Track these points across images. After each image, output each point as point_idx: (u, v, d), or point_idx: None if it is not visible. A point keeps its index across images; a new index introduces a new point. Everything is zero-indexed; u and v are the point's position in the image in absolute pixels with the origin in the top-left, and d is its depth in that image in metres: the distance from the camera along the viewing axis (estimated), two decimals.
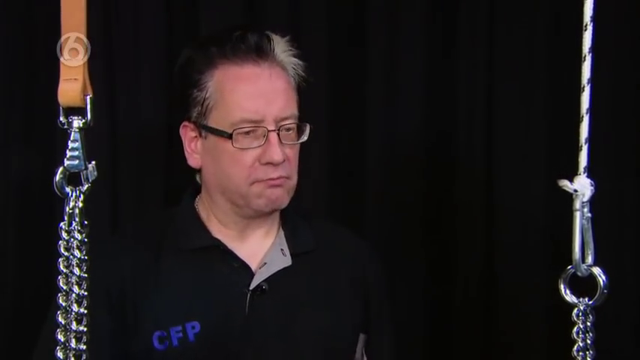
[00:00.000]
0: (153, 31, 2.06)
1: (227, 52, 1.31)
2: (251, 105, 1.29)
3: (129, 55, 2.04)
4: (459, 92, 2.25)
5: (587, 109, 0.62)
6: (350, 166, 2.21)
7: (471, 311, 2.21)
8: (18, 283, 2.01)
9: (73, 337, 0.58)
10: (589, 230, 0.63)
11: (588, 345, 0.63)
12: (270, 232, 1.40)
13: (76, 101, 0.59)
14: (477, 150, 2.24)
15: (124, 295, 1.29)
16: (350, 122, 2.19)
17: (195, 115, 1.32)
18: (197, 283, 1.33)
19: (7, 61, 2.00)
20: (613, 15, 2.11)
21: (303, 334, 1.37)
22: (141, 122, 2.05)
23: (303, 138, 1.35)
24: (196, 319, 1.30)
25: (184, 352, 1.29)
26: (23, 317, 1.97)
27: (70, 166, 0.58)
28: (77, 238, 0.58)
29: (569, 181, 0.64)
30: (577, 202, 0.64)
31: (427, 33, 2.22)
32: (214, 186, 1.35)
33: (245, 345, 1.33)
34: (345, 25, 2.19)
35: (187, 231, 1.37)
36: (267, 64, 1.31)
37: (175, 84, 1.38)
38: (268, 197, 1.31)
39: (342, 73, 2.17)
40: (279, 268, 1.36)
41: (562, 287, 0.65)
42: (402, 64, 2.21)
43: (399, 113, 2.22)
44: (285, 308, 1.36)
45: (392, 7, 2.20)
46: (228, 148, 1.29)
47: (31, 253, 2.01)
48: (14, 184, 2.00)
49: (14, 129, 1.99)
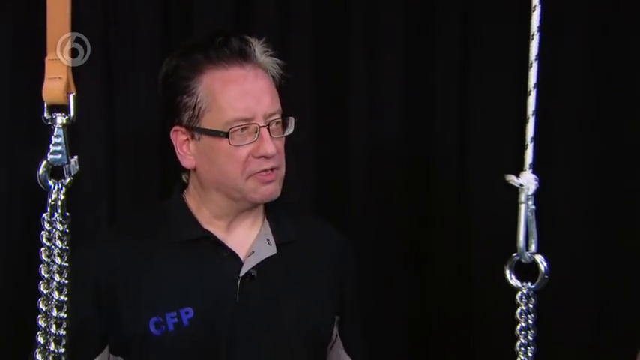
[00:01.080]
0: (150, 35, 2.06)
1: (212, 58, 1.31)
2: (242, 104, 1.30)
3: (126, 59, 2.03)
4: (435, 97, 2.26)
5: (532, 111, 0.63)
6: (334, 164, 2.21)
7: (446, 295, 2.23)
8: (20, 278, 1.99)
9: (54, 322, 0.58)
10: (533, 221, 0.64)
11: (530, 325, 0.65)
12: (256, 223, 1.41)
13: (59, 99, 0.59)
14: (452, 151, 2.26)
15: (114, 284, 1.29)
16: (334, 124, 2.19)
17: (187, 119, 1.32)
18: (190, 272, 1.34)
19: (12, 62, 2.00)
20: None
21: (289, 317, 1.38)
22: (138, 122, 2.05)
23: (289, 130, 1.37)
24: (190, 305, 1.31)
25: (179, 336, 1.30)
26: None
27: (53, 160, 0.58)
28: (59, 228, 0.58)
29: (515, 177, 0.65)
30: (522, 195, 0.64)
31: (406, 42, 2.23)
32: (210, 183, 1.36)
33: (236, 328, 1.33)
34: (330, 30, 2.20)
35: (179, 224, 1.38)
36: (250, 66, 1.33)
37: (163, 92, 1.37)
38: (263, 193, 1.33)
39: (326, 76, 2.18)
40: (265, 256, 1.38)
41: (507, 273, 0.66)
42: (383, 73, 2.22)
43: (380, 115, 2.23)
44: (272, 293, 1.37)
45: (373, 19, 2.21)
46: (223, 146, 1.30)
47: (32, 249, 2.01)
48: (19, 182, 1.99)
49: (19, 129, 1.98)
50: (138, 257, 1.34)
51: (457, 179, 2.26)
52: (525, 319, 0.65)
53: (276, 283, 1.37)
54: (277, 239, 1.40)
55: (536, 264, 0.66)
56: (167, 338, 1.29)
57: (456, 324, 2.25)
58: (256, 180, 1.31)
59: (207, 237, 1.35)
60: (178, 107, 1.32)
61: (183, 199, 1.41)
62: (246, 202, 1.35)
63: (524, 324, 0.64)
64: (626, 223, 2.21)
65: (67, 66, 0.61)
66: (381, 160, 2.24)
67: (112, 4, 2.01)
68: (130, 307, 1.30)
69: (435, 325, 2.25)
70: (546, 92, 2.19)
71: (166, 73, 1.35)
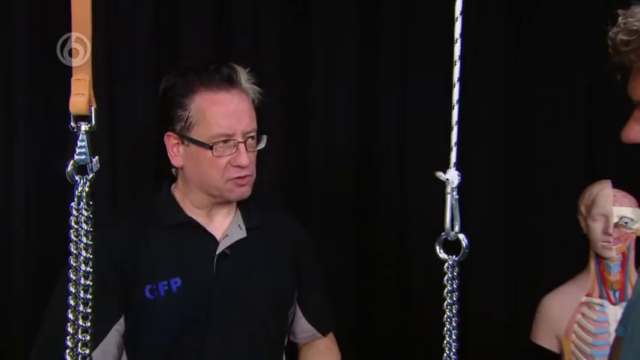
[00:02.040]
0: (145, 58, 2.06)
1: (204, 81, 1.33)
2: (226, 123, 1.32)
3: (126, 72, 2.04)
4: (380, 108, 2.30)
5: (455, 122, 0.65)
6: (297, 163, 2.24)
7: (388, 268, 2.28)
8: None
9: (82, 289, 0.59)
10: (457, 208, 0.66)
11: (454, 288, 0.66)
12: (230, 212, 1.44)
13: (83, 111, 0.61)
14: (393, 151, 2.30)
15: (123, 257, 1.32)
16: (297, 130, 2.22)
17: (179, 128, 1.34)
18: (177, 250, 1.37)
19: (30, 74, 1.99)
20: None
21: (256, 287, 1.41)
22: (134, 129, 2.06)
23: (261, 145, 1.40)
24: (178, 276, 1.34)
25: (168, 301, 1.32)
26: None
27: (79, 160, 0.60)
28: (84, 214, 0.60)
29: (442, 173, 0.67)
30: (448, 187, 0.66)
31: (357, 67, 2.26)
32: (193, 181, 1.38)
33: (214, 295, 1.36)
34: (295, 56, 2.22)
35: (168, 211, 1.40)
36: (235, 91, 1.35)
37: (161, 103, 1.38)
38: (237, 194, 1.37)
39: (291, 95, 2.20)
40: (237, 238, 1.41)
41: (437, 248, 0.67)
42: (337, 89, 2.25)
43: (334, 123, 2.26)
44: (243, 268, 1.40)
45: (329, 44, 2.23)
46: (207, 155, 1.32)
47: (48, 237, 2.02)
48: (51, 177, 1.97)
49: (51, 135, 1.99)
50: (135, 238, 1.36)
51: (397, 174, 2.30)
52: (451, 284, 0.66)
53: (246, 260, 1.40)
54: (247, 225, 1.43)
55: (460, 241, 0.68)
56: (159, 302, 1.32)
57: (396, 291, 2.29)
58: (232, 183, 1.35)
59: (190, 222, 1.39)
60: (173, 118, 1.34)
61: (171, 191, 1.43)
62: (222, 199, 1.38)
63: (450, 287, 0.66)
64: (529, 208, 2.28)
65: (89, 84, 0.63)
66: (335, 159, 2.27)
67: (114, 42, 2.02)
68: (130, 277, 1.32)
69: (380, 292, 2.29)
70: (471, 105, 2.26)
71: (165, 88, 1.37)
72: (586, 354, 1.77)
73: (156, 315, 1.32)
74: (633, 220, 1.78)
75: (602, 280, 1.81)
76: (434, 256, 0.73)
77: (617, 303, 1.78)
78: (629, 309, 1.16)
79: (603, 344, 1.74)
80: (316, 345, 1.57)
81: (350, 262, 2.26)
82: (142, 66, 2.06)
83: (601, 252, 1.79)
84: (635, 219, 1.79)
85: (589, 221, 1.82)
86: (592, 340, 1.77)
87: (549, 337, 1.85)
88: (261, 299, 1.42)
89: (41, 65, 1.96)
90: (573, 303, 1.82)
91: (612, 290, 1.80)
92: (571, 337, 1.80)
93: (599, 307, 1.79)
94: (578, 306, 1.81)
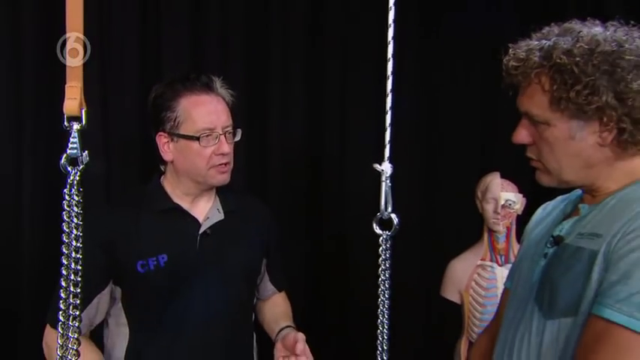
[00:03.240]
0: (130, 71, 2.01)
1: (188, 87, 1.29)
2: (208, 119, 1.28)
3: (117, 80, 1.98)
4: (325, 111, 2.29)
5: (389, 124, 0.63)
6: (259, 158, 2.21)
7: (333, 244, 2.27)
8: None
9: (73, 261, 0.56)
10: (389, 194, 0.65)
11: (387, 257, 0.65)
12: (210, 198, 1.39)
13: (75, 112, 0.57)
14: (336, 146, 2.29)
15: (114, 239, 1.26)
16: (256, 130, 2.19)
17: (169, 127, 1.29)
18: (165, 230, 1.31)
19: (35, 74, 1.91)
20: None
21: (233, 261, 1.36)
22: (125, 130, 2.00)
23: (237, 137, 1.36)
24: (165, 253, 1.28)
25: (157, 274, 1.27)
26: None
27: (71, 154, 0.57)
28: (75, 199, 0.56)
29: (378, 165, 0.66)
30: (383, 176, 0.65)
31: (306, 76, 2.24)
32: (182, 171, 1.32)
33: (197, 269, 1.31)
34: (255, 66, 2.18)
35: (157, 199, 1.34)
36: (213, 94, 1.31)
37: (152, 108, 1.32)
38: (219, 179, 1.32)
39: (252, 98, 2.17)
40: (216, 220, 1.36)
41: (374, 225, 0.66)
42: (290, 94, 2.23)
43: (289, 123, 2.24)
44: (221, 246, 1.35)
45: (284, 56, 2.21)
46: (195, 146, 1.27)
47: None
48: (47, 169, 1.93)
49: (46, 132, 1.92)
50: (129, 221, 1.29)
51: (339, 164, 2.30)
52: (384, 254, 0.66)
53: (224, 238, 1.35)
54: (225, 209, 1.38)
55: (392, 219, 0.67)
56: (149, 275, 1.26)
57: (337, 262, 2.29)
58: (215, 170, 1.30)
59: (176, 208, 1.33)
60: (163, 119, 1.29)
61: (160, 182, 1.36)
62: (206, 185, 1.33)
63: (384, 256, 0.65)
64: (438, 194, 2.30)
65: (81, 90, 0.59)
66: (289, 154, 2.24)
67: (107, 57, 1.95)
68: (124, 254, 1.26)
69: (327, 261, 2.28)
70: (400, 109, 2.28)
71: (155, 96, 1.31)
72: (480, 303, 1.81)
73: (147, 285, 1.27)
74: (515, 202, 1.83)
75: (493, 248, 1.85)
76: (369, 232, 0.71)
77: (503, 265, 1.83)
78: (514, 268, 1.18)
79: (493, 296, 1.80)
80: (274, 298, 1.55)
81: (301, 238, 2.25)
82: (129, 77, 2.00)
83: (492, 226, 1.84)
84: (516, 201, 1.83)
85: (483, 203, 1.85)
86: (484, 292, 1.82)
87: (454, 292, 1.88)
88: (236, 270, 1.37)
89: (47, 65, 1.88)
90: (471, 266, 1.86)
91: (499, 255, 1.84)
92: (469, 292, 1.84)
93: (490, 269, 1.83)
94: (474, 268, 1.85)
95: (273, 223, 1.52)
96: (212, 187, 1.36)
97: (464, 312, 1.84)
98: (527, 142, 1.02)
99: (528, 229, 1.19)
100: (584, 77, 0.91)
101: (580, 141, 0.95)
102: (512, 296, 1.11)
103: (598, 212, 0.97)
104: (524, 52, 0.98)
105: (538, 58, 0.96)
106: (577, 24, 0.98)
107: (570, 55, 0.92)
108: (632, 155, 0.96)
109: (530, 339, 0.97)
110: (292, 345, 1.27)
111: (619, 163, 0.97)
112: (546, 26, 1.01)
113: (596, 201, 1.00)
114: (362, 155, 2.21)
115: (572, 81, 0.92)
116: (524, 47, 0.99)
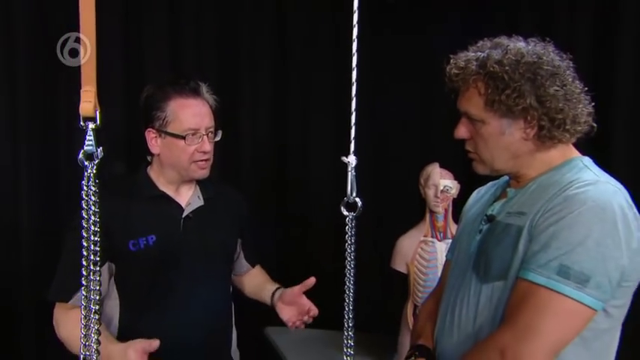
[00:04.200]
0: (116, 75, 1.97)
1: (177, 90, 1.29)
2: (194, 120, 1.28)
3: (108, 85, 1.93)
4: (290, 113, 2.30)
5: (354, 123, 0.65)
6: (233, 153, 2.20)
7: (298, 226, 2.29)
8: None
9: (92, 243, 0.57)
10: (354, 181, 0.67)
11: (352, 234, 0.67)
12: (192, 187, 1.39)
13: (90, 114, 0.58)
14: (298, 143, 2.30)
15: (110, 220, 1.24)
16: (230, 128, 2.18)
17: (157, 125, 1.28)
18: (153, 214, 1.32)
19: (31, 71, 1.86)
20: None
21: (212, 242, 1.38)
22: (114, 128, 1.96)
23: (218, 137, 1.36)
24: (154, 233, 1.29)
25: (147, 252, 1.27)
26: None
27: (87, 150, 0.57)
28: (92, 189, 0.58)
29: (345, 157, 0.68)
30: (349, 167, 0.67)
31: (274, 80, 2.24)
32: (167, 164, 1.32)
33: (182, 248, 1.32)
34: (227, 72, 2.17)
35: (145, 187, 1.34)
36: (200, 98, 1.31)
37: (144, 107, 1.31)
38: (200, 173, 1.33)
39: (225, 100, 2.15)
40: (197, 206, 1.37)
41: (342, 207, 0.67)
42: (259, 97, 2.23)
43: (258, 120, 2.25)
44: (202, 228, 1.36)
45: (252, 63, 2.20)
46: (180, 144, 1.27)
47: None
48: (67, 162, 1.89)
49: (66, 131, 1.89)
50: (121, 206, 1.29)
51: (303, 157, 2.32)
52: (350, 231, 0.67)
53: (204, 222, 1.37)
54: (204, 196, 1.39)
55: (356, 202, 0.69)
56: (139, 253, 1.27)
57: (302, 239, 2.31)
58: (196, 165, 1.31)
59: (162, 195, 1.33)
60: (152, 117, 1.28)
61: (147, 172, 1.36)
62: (188, 177, 1.33)
63: (350, 233, 0.66)
64: (388, 181, 2.35)
65: (95, 94, 0.60)
66: (259, 148, 2.25)
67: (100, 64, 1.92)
68: (118, 234, 1.26)
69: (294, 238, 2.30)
70: (366, 110, 2.29)
71: (146, 96, 1.30)
72: (423, 272, 1.86)
73: (138, 262, 1.28)
74: (452, 188, 1.88)
75: (433, 227, 1.90)
76: (338, 215, 0.73)
77: (442, 240, 1.88)
78: (454, 243, 1.24)
79: (433, 266, 1.84)
80: (251, 272, 1.57)
81: (270, 219, 2.26)
82: (114, 82, 1.97)
83: (432, 208, 1.89)
84: (453, 187, 1.89)
85: (425, 189, 1.90)
86: (427, 264, 1.87)
87: (402, 263, 1.93)
88: (215, 249, 1.39)
89: (41, 64, 1.81)
90: (416, 241, 1.90)
91: (439, 232, 1.89)
92: (414, 263, 1.89)
93: (431, 243, 1.88)
94: (418, 243, 1.90)
95: (245, 206, 1.54)
96: (193, 179, 1.37)
97: (410, 280, 1.89)
98: (466, 137, 1.07)
99: (465, 210, 1.25)
100: (512, 83, 0.97)
101: (509, 136, 1.02)
102: (453, 265, 1.17)
103: (522, 195, 1.04)
104: (463, 61, 1.03)
105: (475, 66, 1.01)
106: (505, 39, 1.05)
107: (501, 64, 0.98)
108: (548, 148, 1.03)
109: (469, 300, 1.03)
110: (293, 299, 1.31)
111: (538, 154, 1.04)
112: (480, 40, 1.06)
113: (521, 185, 1.06)
114: (321, 148, 2.24)
115: (502, 86, 0.98)
116: (463, 58, 1.04)
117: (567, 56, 1.03)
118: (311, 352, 1.96)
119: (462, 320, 1.03)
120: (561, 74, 0.99)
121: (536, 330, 0.88)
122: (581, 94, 1.01)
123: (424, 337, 1.14)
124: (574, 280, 0.87)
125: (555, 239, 0.90)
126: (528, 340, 0.88)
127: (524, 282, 0.93)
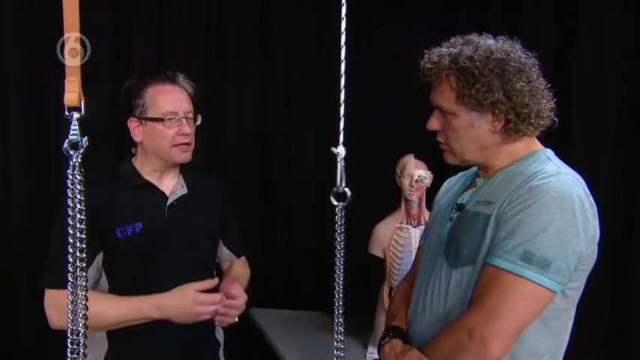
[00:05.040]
0: (104, 68, 1.93)
1: (154, 78, 1.25)
2: (172, 104, 1.24)
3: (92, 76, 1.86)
4: (273, 105, 2.27)
5: (342, 115, 0.64)
6: (217, 146, 2.17)
7: (285, 213, 2.27)
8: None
9: (78, 231, 0.55)
10: (343, 171, 0.65)
11: (342, 223, 0.66)
12: (175, 175, 1.35)
13: (75, 103, 0.55)
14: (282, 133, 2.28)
15: (99, 209, 1.20)
16: (216, 120, 2.14)
17: (138, 112, 1.24)
18: (139, 202, 1.27)
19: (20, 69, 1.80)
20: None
21: (196, 228, 1.34)
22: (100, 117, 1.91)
23: (198, 122, 1.32)
24: (140, 221, 1.25)
25: (133, 239, 1.23)
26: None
27: (72, 139, 0.54)
28: (77, 178, 0.55)
29: (334, 148, 0.66)
30: (338, 157, 0.65)
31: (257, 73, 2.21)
32: (150, 150, 1.27)
33: (167, 234, 1.28)
34: (214, 67, 2.12)
35: (130, 176, 1.30)
36: (176, 85, 1.27)
37: (125, 97, 1.27)
38: (182, 157, 1.29)
39: (211, 93, 2.12)
40: (181, 194, 1.33)
41: (331, 197, 0.66)
42: (244, 89, 2.19)
43: (242, 112, 2.22)
44: (186, 216, 1.32)
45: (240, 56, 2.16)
46: (160, 127, 1.23)
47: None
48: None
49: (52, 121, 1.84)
50: (108, 193, 1.25)
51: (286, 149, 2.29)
52: (340, 221, 0.66)
53: (188, 209, 1.33)
54: (187, 184, 1.35)
55: (345, 193, 0.67)
56: (126, 240, 1.23)
57: (286, 225, 2.30)
58: (178, 149, 1.26)
59: (147, 184, 1.29)
60: (133, 106, 1.24)
61: (132, 162, 1.32)
62: (171, 162, 1.29)
63: (339, 222, 0.66)
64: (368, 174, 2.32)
65: (79, 83, 0.56)
66: (244, 140, 2.22)
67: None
68: (105, 221, 1.22)
69: (281, 226, 2.29)
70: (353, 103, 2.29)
71: (127, 87, 1.26)
72: (399, 257, 1.87)
73: (125, 248, 1.24)
74: (425, 178, 1.89)
75: (408, 214, 1.91)
76: (328, 204, 0.71)
77: (416, 226, 1.88)
78: (427, 229, 1.23)
79: (408, 251, 1.84)
80: (234, 264, 1.53)
81: (254, 208, 2.24)
82: (104, 73, 1.92)
83: (407, 197, 1.89)
84: (426, 177, 1.89)
85: (401, 179, 1.90)
86: (402, 249, 1.87)
87: (378, 248, 1.93)
88: (199, 236, 1.35)
89: (31, 63, 1.74)
90: (392, 227, 1.90)
91: (413, 219, 1.89)
92: (390, 248, 1.89)
93: (406, 230, 1.88)
94: (394, 229, 1.90)
95: (227, 195, 1.50)
96: (176, 164, 1.32)
97: (386, 264, 1.89)
98: (438, 129, 1.07)
99: (437, 198, 1.24)
100: (482, 78, 0.96)
101: (478, 128, 1.01)
102: (425, 251, 1.17)
103: (490, 184, 1.04)
104: (436, 57, 1.02)
105: (447, 62, 1.00)
106: (476, 37, 1.04)
107: (472, 60, 0.97)
108: (514, 140, 1.03)
109: (440, 284, 1.03)
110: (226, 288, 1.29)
111: (505, 147, 1.04)
112: (452, 37, 1.06)
113: (489, 176, 1.06)
114: (304, 138, 2.22)
115: (472, 81, 0.97)
116: (436, 53, 1.03)
117: (533, 54, 1.03)
118: (293, 332, 1.96)
119: (434, 303, 1.03)
120: (527, 71, 0.99)
121: (501, 311, 0.89)
122: (545, 91, 1.02)
123: (398, 319, 1.14)
124: (536, 265, 0.88)
125: (520, 226, 0.91)
126: (494, 321, 0.89)
127: (491, 267, 0.93)
